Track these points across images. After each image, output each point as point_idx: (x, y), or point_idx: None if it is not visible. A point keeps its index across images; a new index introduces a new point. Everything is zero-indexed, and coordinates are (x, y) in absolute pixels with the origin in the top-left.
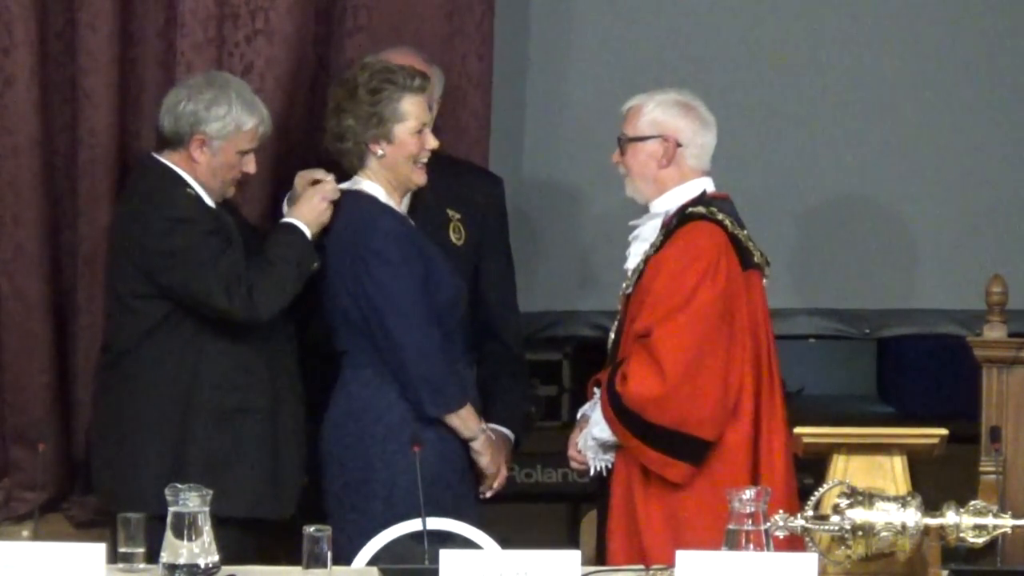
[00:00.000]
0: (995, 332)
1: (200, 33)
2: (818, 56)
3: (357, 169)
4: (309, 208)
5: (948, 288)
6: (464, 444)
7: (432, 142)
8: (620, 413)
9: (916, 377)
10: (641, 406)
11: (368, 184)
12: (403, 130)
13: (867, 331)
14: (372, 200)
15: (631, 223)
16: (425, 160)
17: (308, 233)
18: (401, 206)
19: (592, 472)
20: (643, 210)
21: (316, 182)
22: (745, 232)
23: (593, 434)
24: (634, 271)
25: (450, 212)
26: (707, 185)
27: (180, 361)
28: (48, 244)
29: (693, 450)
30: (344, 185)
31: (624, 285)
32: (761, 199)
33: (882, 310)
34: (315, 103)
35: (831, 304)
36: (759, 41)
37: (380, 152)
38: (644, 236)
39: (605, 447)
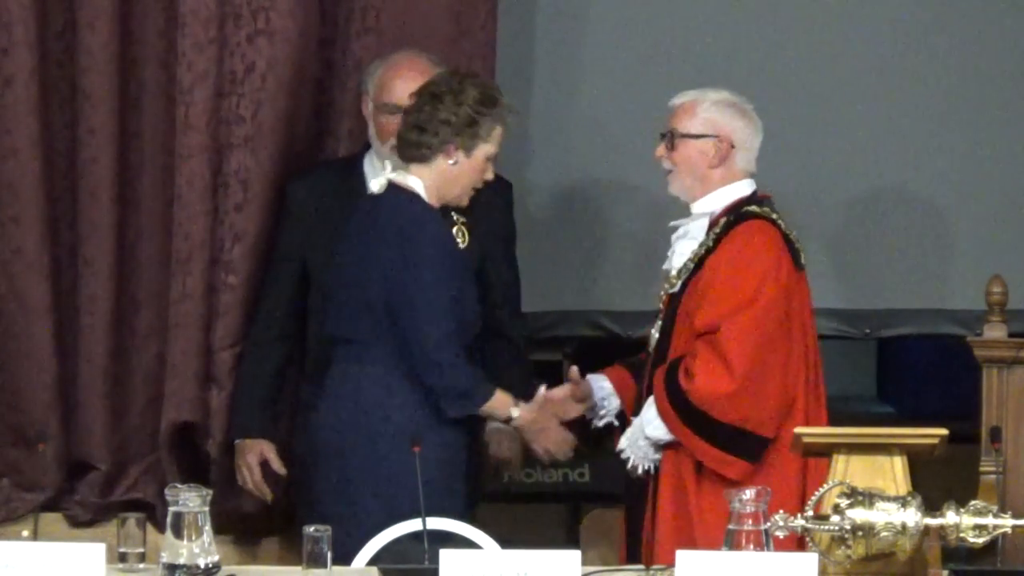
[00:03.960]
0: (995, 332)
1: (201, 33)
2: (820, 54)
3: (412, 161)
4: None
5: (948, 288)
6: (467, 448)
7: (491, 174)
8: (683, 410)
9: (916, 377)
10: (709, 403)
11: (414, 180)
12: (483, 151)
13: (867, 331)
14: (421, 201)
15: (672, 223)
16: (477, 188)
17: None
18: None
19: (640, 472)
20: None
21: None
22: (795, 232)
23: (647, 434)
24: (681, 270)
25: (454, 215)
26: (747, 188)
27: None
28: (48, 244)
29: (753, 448)
30: (392, 175)
31: (666, 285)
32: None
33: (882, 310)
34: (320, 103)
35: (831, 304)
36: (765, 39)
37: (453, 160)
38: (693, 234)
39: (656, 447)
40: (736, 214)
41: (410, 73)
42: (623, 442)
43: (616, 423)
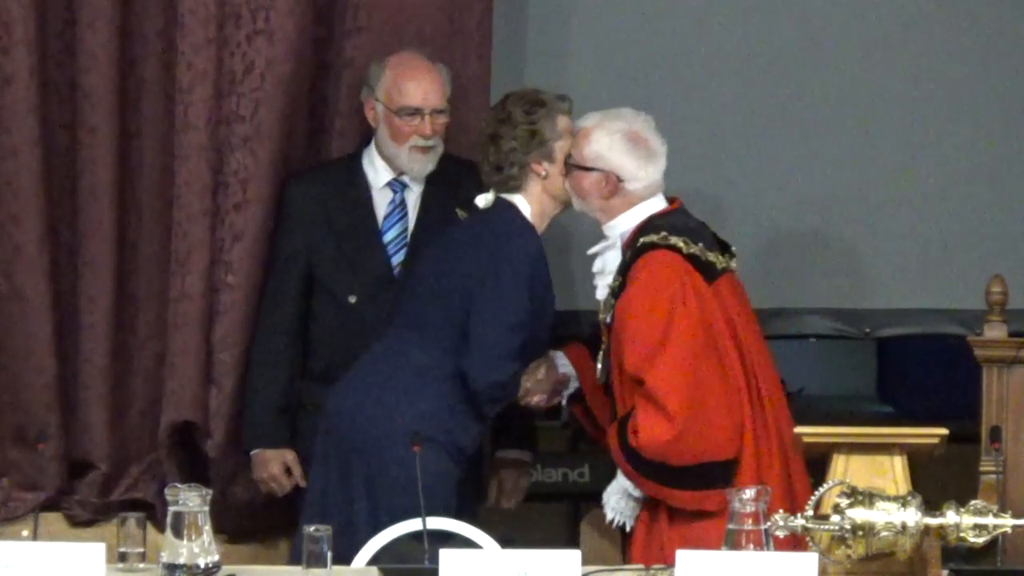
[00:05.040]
0: (995, 332)
1: (200, 33)
2: (818, 52)
3: (510, 192)
4: None
5: (948, 288)
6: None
7: None
8: (642, 468)
9: (916, 377)
10: (660, 454)
11: (519, 199)
12: (561, 148)
13: (867, 331)
14: (523, 217)
15: (590, 252)
16: None
17: None
18: (416, 207)
19: (628, 527)
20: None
21: None
22: (700, 245)
23: (634, 495)
24: (605, 303)
25: (460, 212)
26: (655, 206)
27: None
28: (47, 244)
29: (722, 474)
30: (502, 195)
31: (601, 315)
32: (760, 198)
33: (882, 310)
34: (315, 104)
35: (831, 304)
36: (760, 39)
37: (543, 173)
38: (608, 268)
39: (639, 501)
40: (633, 249)
41: (420, 74)
42: (608, 512)
43: (564, 403)
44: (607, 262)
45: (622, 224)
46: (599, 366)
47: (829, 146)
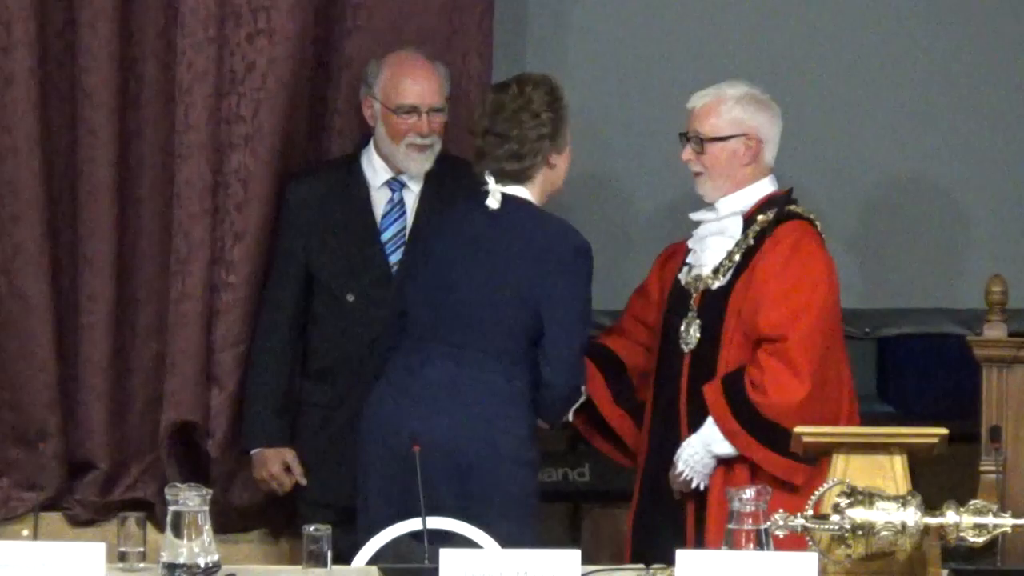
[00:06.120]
0: (995, 331)
1: (201, 32)
2: (816, 55)
3: (517, 182)
4: None
5: (948, 288)
6: None
7: None
8: (750, 424)
9: (916, 377)
10: (782, 415)
11: (524, 192)
12: (569, 139)
13: (867, 331)
14: (542, 210)
15: (696, 217)
16: None
17: None
18: (415, 206)
19: (701, 487)
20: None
21: None
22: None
23: (715, 452)
24: (719, 268)
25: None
26: (771, 186)
27: None
28: (48, 244)
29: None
30: (505, 189)
31: (691, 274)
32: None
33: (882, 309)
34: (315, 103)
35: None
36: (757, 44)
37: (553, 165)
38: (730, 232)
39: (716, 460)
40: (779, 213)
41: (418, 72)
42: (680, 464)
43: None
44: (728, 227)
45: (743, 199)
46: (695, 333)
47: (826, 146)
